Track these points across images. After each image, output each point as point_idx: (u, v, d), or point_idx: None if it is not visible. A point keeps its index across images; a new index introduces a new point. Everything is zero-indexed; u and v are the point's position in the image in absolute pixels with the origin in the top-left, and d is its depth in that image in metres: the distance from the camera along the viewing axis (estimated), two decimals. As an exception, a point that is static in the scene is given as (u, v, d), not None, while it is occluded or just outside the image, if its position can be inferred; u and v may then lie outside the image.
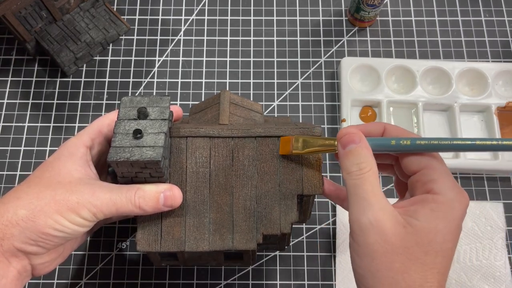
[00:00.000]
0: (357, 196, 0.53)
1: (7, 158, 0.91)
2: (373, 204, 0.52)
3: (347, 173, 0.55)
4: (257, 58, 1.01)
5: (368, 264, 0.52)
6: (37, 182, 0.58)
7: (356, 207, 0.53)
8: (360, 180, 0.53)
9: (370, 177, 0.53)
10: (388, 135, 0.59)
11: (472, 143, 0.54)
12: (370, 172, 0.54)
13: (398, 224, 0.52)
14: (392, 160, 0.62)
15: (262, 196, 0.63)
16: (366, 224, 0.52)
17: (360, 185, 0.53)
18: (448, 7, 1.06)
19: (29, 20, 0.92)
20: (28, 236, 0.54)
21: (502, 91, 0.96)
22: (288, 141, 0.62)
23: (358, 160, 0.54)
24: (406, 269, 0.50)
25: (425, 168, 0.55)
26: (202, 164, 0.64)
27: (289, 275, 0.84)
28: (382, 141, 0.57)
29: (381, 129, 0.60)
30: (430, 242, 0.51)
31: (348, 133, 0.56)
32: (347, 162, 0.55)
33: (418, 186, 0.56)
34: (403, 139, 0.56)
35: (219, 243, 0.62)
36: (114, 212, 0.58)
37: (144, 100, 0.62)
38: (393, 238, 0.51)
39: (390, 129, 0.59)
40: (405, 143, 0.55)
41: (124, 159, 0.56)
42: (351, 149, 0.55)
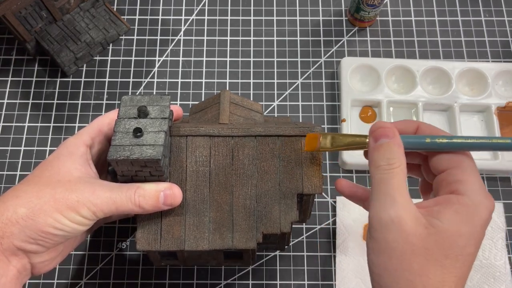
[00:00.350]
0: (381, 192, 0.52)
1: (7, 158, 0.91)
2: (397, 201, 0.51)
3: (376, 167, 0.53)
4: (257, 58, 1.01)
5: (385, 263, 0.51)
6: (36, 181, 0.58)
7: (379, 203, 0.52)
8: (388, 175, 0.52)
9: (398, 174, 0.52)
10: (421, 133, 0.57)
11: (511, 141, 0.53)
12: (399, 168, 0.52)
13: (419, 224, 0.50)
14: (420, 160, 0.61)
15: (262, 195, 0.63)
16: (387, 220, 0.50)
17: (387, 180, 0.52)
18: (448, 7, 1.06)
19: (29, 20, 0.92)
20: (28, 234, 0.55)
21: (502, 91, 0.96)
22: (315, 138, 0.61)
23: (388, 155, 0.53)
24: (425, 271, 0.49)
25: (454, 168, 0.54)
26: (202, 163, 0.64)
27: (289, 275, 0.84)
28: (416, 139, 0.56)
29: (414, 127, 0.58)
30: (451, 245, 0.49)
31: (383, 127, 0.54)
32: (377, 155, 0.53)
33: (443, 185, 0.54)
34: (439, 137, 0.54)
35: (219, 242, 0.62)
36: (114, 210, 0.58)
37: (144, 99, 0.62)
38: (414, 238, 0.49)
39: (423, 127, 0.58)
40: (441, 141, 0.54)
41: (124, 157, 0.56)
42: (383, 143, 0.54)
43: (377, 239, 0.51)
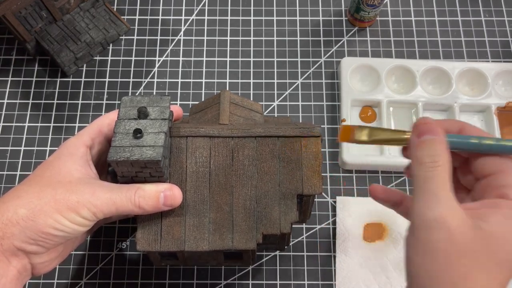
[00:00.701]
0: (425, 190, 0.49)
1: (7, 158, 0.91)
2: (442, 200, 0.48)
3: (419, 164, 0.51)
4: (257, 58, 1.01)
5: (427, 264, 0.48)
6: (37, 182, 0.58)
7: (423, 201, 0.49)
8: (432, 173, 0.50)
9: (443, 172, 0.50)
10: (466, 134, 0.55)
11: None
12: (443, 166, 0.50)
13: (466, 224, 0.47)
14: (459, 163, 0.58)
15: (262, 196, 0.63)
16: (431, 220, 0.47)
17: (432, 177, 0.50)
18: (448, 7, 1.06)
19: (29, 20, 0.92)
20: (28, 235, 0.55)
21: (502, 91, 0.96)
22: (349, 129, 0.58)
23: (433, 152, 0.50)
24: (469, 275, 0.47)
25: (501, 172, 0.52)
26: (202, 164, 0.64)
27: (289, 275, 0.84)
28: (461, 138, 0.53)
29: (458, 128, 0.55)
30: (499, 250, 0.47)
31: (427, 122, 0.52)
32: (421, 152, 0.51)
33: (488, 190, 0.52)
34: (486, 138, 0.52)
35: (219, 243, 0.62)
36: (114, 211, 0.58)
37: (144, 99, 0.62)
38: (460, 239, 0.47)
39: (468, 128, 0.55)
40: (487, 143, 0.52)
41: (124, 158, 0.56)
42: (427, 139, 0.51)
43: (419, 238, 0.49)
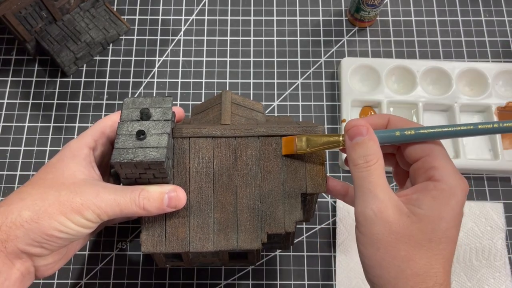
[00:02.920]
0: (362, 188, 0.55)
1: (7, 158, 0.91)
2: (378, 195, 0.53)
3: (354, 165, 0.56)
4: (257, 58, 1.01)
5: (374, 254, 0.53)
6: (40, 184, 0.58)
7: (362, 199, 0.54)
8: (367, 172, 0.55)
9: (377, 169, 0.55)
10: (392, 126, 0.60)
11: (475, 127, 0.56)
12: (376, 164, 0.55)
13: (402, 214, 0.53)
14: (394, 149, 0.64)
15: (266, 195, 0.63)
16: (371, 215, 0.53)
17: (366, 177, 0.54)
18: (448, 7, 1.06)
19: (29, 20, 0.92)
20: (32, 237, 0.54)
21: (502, 91, 0.96)
22: (291, 140, 0.63)
23: (365, 152, 0.55)
24: (412, 257, 0.52)
25: (427, 156, 0.56)
26: (205, 164, 0.64)
27: (289, 275, 0.84)
28: (387, 133, 0.58)
29: (386, 121, 0.61)
30: (433, 230, 0.52)
31: (356, 125, 0.56)
32: (354, 154, 0.56)
33: (420, 173, 0.57)
34: (407, 129, 0.57)
35: (223, 243, 0.62)
36: (118, 213, 0.58)
37: (146, 101, 0.62)
38: (398, 228, 0.52)
39: (394, 120, 0.60)
40: (409, 133, 0.57)
41: (128, 160, 0.56)
42: (358, 141, 0.56)
43: (364, 233, 0.54)
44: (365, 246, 0.54)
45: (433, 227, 0.52)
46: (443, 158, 0.56)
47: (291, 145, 0.63)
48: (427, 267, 0.52)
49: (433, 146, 0.57)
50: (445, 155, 0.56)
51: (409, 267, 0.52)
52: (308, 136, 0.62)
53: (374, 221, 0.53)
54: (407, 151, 0.58)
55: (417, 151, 0.57)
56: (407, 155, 0.59)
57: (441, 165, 0.55)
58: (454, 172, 0.55)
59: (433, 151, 0.56)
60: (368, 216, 0.53)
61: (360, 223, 0.55)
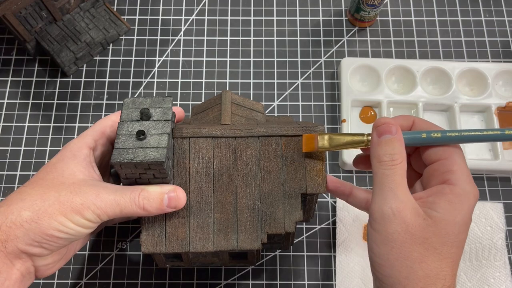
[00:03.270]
0: (383, 186, 0.55)
1: (7, 158, 0.91)
2: (399, 195, 0.54)
3: (379, 162, 0.56)
4: (257, 58, 1.01)
5: (387, 253, 0.54)
6: (40, 184, 0.58)
7: (381, 197, 0.55)
8: (390, 170, 0.55)
9: (400, 169, 0.55)
10: (416, 128, 0.60)
11: (502, 133, 0.56)
12: (401, 164, 0.55)
13: (418, 216, 0.53)
14: (411, 150, 0.64)
15: (266, 195, 0.63)
16: (389, 213, 0.53)
17: (390, 175, 0.55)
18: (448, 7, 1.06)
19: (29, 20, 0.92)
20: (32, 237, 0.54)
21: (502, 91, 0.96)
22: (312, 138, 0.63)
23: (392, 151, 0.55)
24: (424, 259, 0.52)
25: (445, 159, 0.57)
26: (205, 165, 0.64)
27: (289, 275, 0.84)
28: (413, 135, 0.58)
29: (410, 123, 0.61)
30: (447, 233, 0.53)
31: (387, 123, 0.57)
32: (381, 151, 0.56)
33: (435, 175, 0.57)
34: (433, 132, 0.57)
35: (223, 243, 0.62)
36: (118, 213, 0.58)
37: (146, 101, 0.62)
38: (414, 229, 0.53)
39: (418, 122, 0.61)
40: (435, 136, 0.57)
41: (128, 160, 0.56)
42: (387, 139, 0.56)
43: (378, 230, 0.54)
44: (377, 244, 0.55)
45: (447, 231, 0.53)
46: (461, 162, 0.56)
47: (312, 142, 0.63)
48: (437, 269, 0.52)
49: (453, 150, 0.57)
50: (463, 159, 0.57)
51: (421, 268, 0.52)
52: (330, 134, 0.62)
53: (392, 219, 0.53)
54: (427, 153, 0.59)
55: (437, 153, 0.58)
56: (426, 156, 0.59)
57: (458, 169, 0.56)
58: (469, 178, 0.56)
59: (453, 154, 0.57)
60: (386, 214, 0.53)
61: (375, 220, 0.55)
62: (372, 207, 0.56)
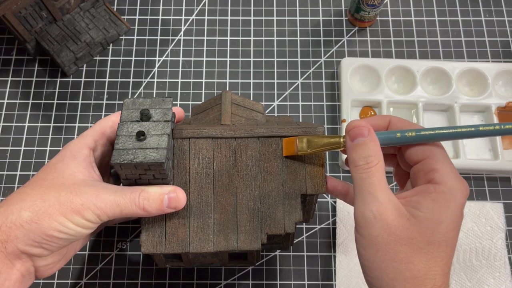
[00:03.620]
0: (362, 190, 0.54)
1: (7, 158, 0.91)
2: (378, 197, 0.53)
3: (355, 167, 0.56)
4: (257, 58, 1.01)
5: (373, 256, 0.53)
6: (41, 184, 0.58)
7: (362, 201, 0.54)
8: (367, 174, 0.54)
9: (377, 171, 0.54)
10: (393, 127, 0.60)
11: (476, 129, 0.56)
12: (377, 166, 0.55)
13: (401, 216, 0.53)
14: (395, 150, 0.63)
15: (265, 196, 0.63)
16: (370, 217, 0.53)
17: (366, 179, 0.54)
18: (448, 7, 1.06)
19: (29, 20, 0.92)
20: (32, 238, 0.54)
21: (502, 91, 0.96)
22: (292, 142, 0.63)
23: (366, 154, 0.55)
24: (410, 259, 0.52)
25: (427, 158, 0.56)
26: (205, 165, 0.64)
27: (289, 275, 0.84)
28: (388, 135, 0.58)
29: (386, 122, 0.61)
30: (433, 233, 0.52)
31: (357, 126, 0.56)
32: (355, 155, 0.56)
33: (420, 175, 0.57)
34: (408, 131, 0.57)
35: (223, 244, 0.62)
36: (118, 214, 0.58)
37: (146, 102, 0.62)
38: (397, 230, 0.52)
39: (395, 121, 0.60)
40: (410, 135, 0.57)
41: (128, 161, 0.56)
42: (359, 142, 0.56)
43: (363, 234, 0.54)
44: (364, 248, 0.54)
45: (433, 230, 0.52)
46: (443, 160, 0.56)
47: (291, 146, 0.63)
48: (425, 269, 0.52)
49: (433, 148, 0.57)
50: (446, 157, 0.56)
51: (407, 269, 0.52)
52: (308, 137, 0.62)
53: (374, 223, 0.53)
54: (408, 153, 0.58)
55: (417, 153, 0.57)
56: (408, 157, 0.59)
57: (441, 167, 0.55)
58: (455, 175, 0.55)
59: (434, 153, 0.56)
60: (367, 218, 0.53)
61: (359, 224, 0.55)
62: (354, 212, 0.55)
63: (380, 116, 0.62)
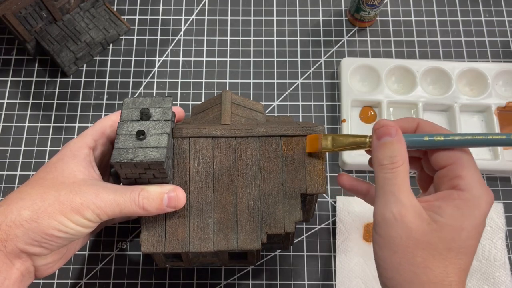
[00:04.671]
0: (385, 190, 0.54)
1: (7, 158, 0.91)
2: (400, 199, 0.53)
3: (379, 165, 0.55)
4: (257, 58, 1.01)
5: (390, 257, 0.53)
6: (40, 183, 0.58)
7: (383, 201, 0.54)
8: (391, 174, 0.54)
9: (402, 172, 0.54)
10: (421, 130, 0.59)
11: (507, 137, 0.55)
12: (402, 167, 0.54)
13: (422, 220, 0.52)
14: (420, 154, 0.62)
15: (265, 195, 0.63)
16: (391, 218, 0.52)
17: (391, 179, 0.54)
18: (448, 7, 1.06)
19: (29, 20, 0.92)
20: (31, 237, 0.54)
21: (502, 91, 0.96)
22: (316, 139, 0.62)
23: (391, 153, 0.54)
24: (428, 264, 0.51)
25: (454, 164, 0.55)
26: (205, 165, 0.64)
27: (289, 275, 0.84)
28: (415, 137, 0.57)
29: (415, 125, 0.60)
30: (453, 239, 0.51)
31: (385, 125, 0.56)
32: (381, 154, 0.55)
33: (445, 181, 0.56)
34: (436, 135, 0.56)
35: (223, 243, 0.62)
36: (117, 213, 0.58)
37: (146, 101, 0.62)
38: (417, 234, 0.52)
39: (423, 124, 0.59)
40: (438, 139, 0.56)
41: (128, 160, 0.56)
42: (386, 141, 0.55)
43: (381, 235, 0.54)
44: (381, 248, 0.54)
45: (453, 236, 0.51)
46: (470, 167, 0.55)
47: (315, 143, 0.63)
48: (442, 275, 0.51)
49: (461, 154, 0.55)
50: (473, 164, 0.55)
51: (424, 273, 0.51)
52: (334, 135, 0.62)
53: (394, 224, 0.52)
54: (434, 157, 0.57)
55: (444, 158, 0.56)
56: (434, 161, 0.58)
57: (467, 174, 0.54)
58: (480, 183, 0.54)
59: (461, 159, 0.55)
60: (387, 218, 0.53)
61: (378, 224, 0.54)
62: (375, 211, 0.55)
63: (409, 118, 0.61)
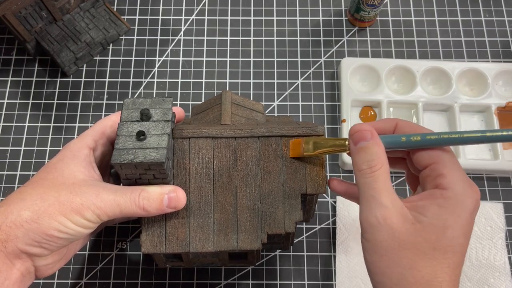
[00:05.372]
0: (366, 195, 0.54)
1: (7, 158, 0.91)
2: (382, 202, 0.52)
3: (358, 171, 0.55)
4: (257, 58, 1.01)
5: (377, 260, 0.53)
6: (41, 184, 0.58)
7: (366, 206, 0.54)
8: (371, 178, 0.54)
9: (381, 175, 0.54)
10: (400, 131, 0.59)
11: (482, 135, 0.54)
12: (380, 170, 0.54)
13: (406, 221, 0.52)
14: (404, 154, 0.62)
15: (266, 195, 0.63)
16: (375, 222, 0.52)
17: (370, 183, 0.54)
18: (448, 7, 1.06)
19: (29, 20, 0.92)
20: (32, 237, 0.54)
21: (502, 91, 0.96)
22: (298, 143, 0.63)
23: (369, 157, 0.54)
24: (414, 265, 0.51)
25: (435, 163, 0.55)
26: (205, 165, 0.64)
27: (289, 275, 0.84)
28: (392, 138, 0.57)
29: (393, 125, 0.59)
30: (438, 238, 0.51)
31: (360, 129, 0.56)
32: (358, 159, 0.55)
33: (429, 180, 0.55)
34: (413, 135, 0.56)
35: (223, 244, 0.62)
36: (118, 213, 0.58)
37: (146, 101, 0.62)
38: (401, 235, 0.52)
39: (402, 125, 0.59)
40: (415, 139, 0.55)
41: (128, 161, 0.56)
42: (363, 146, 0.55)
43: (368, 240, 0.54)
44: (369, 253, 0.54)
45: (438, 235, 0.51)
46: (452, 165, 0.54)
47: (298, 147, 0.63)
48: (430, 275, 0.51)
49: (441, 153, 0.55)
50: (454, 162, 0.55)
51: (411, 274, 0.51)
52: (315, 139, 0.62)
53: (378, 228, 0.52)
54: (416, 157, 0.57)
55: (425, 158, 0.56)
56: (416, 161, 0.57)
57: (448, 173, 0.53)
58: (463, 180, 0.53)
59: (442, 158, 0.55)
60: (372, 223, 0.53)
61: (364, 230, 0.54)
62: (360, 217, 0.55)
63: (387, 119, 0.61)
